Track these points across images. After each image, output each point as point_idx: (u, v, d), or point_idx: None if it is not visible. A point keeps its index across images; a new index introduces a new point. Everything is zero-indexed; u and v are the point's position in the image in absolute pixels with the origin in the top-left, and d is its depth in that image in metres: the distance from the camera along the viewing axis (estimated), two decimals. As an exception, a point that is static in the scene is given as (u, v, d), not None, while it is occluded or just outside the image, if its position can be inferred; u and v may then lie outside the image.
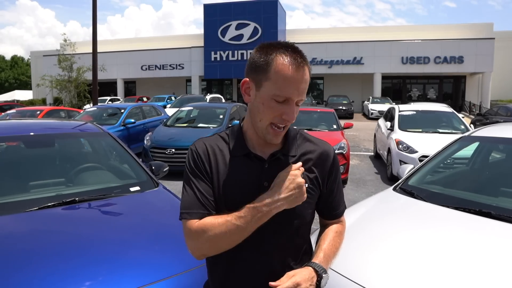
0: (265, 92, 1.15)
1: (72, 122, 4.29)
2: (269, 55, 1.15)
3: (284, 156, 1.25)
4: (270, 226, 1.20)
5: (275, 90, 1.13)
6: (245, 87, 1.21)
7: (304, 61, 1.15)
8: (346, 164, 7.20)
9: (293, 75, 1.12)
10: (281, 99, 1.14)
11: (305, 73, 1.15)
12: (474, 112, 24.61)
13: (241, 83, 1.22)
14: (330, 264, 1.27)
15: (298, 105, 1.18)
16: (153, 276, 1.86)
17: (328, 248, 1.29)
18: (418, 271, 1.79)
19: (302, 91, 1.15)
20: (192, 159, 1.26)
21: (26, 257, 1.92)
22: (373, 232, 2.32)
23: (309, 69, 1.18)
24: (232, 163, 1.24)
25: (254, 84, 1.18)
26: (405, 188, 2.91)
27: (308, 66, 1.17)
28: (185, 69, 32.85)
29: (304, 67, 1.14)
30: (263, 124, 1.18)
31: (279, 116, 1.15)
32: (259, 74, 1.16)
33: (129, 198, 2.79)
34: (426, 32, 29.84)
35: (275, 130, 1.17)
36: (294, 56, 1.14)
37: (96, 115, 10.66)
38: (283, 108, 1.14)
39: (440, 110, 9.87)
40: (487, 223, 2.23)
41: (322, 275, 1.19)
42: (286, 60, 1.13)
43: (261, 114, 1.17)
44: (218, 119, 9.68)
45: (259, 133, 1.21)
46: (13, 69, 65.11)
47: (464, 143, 3.32)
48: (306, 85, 1.16)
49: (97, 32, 15.81)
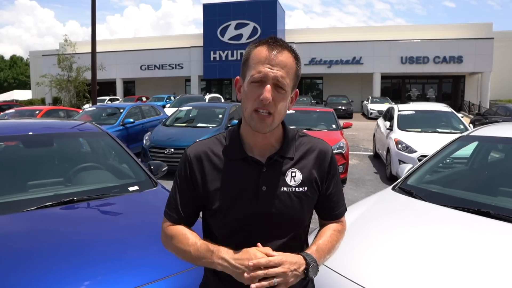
0: (247, 79, 1.17)
1: (71, 121, 4.28)
2: (251, 47, 1.20)
3: (282, 158, 1.24)
4: (267, 228, 1.20)
5: (252, 71, 1.15)
6: (238, 85, 1.25)
7: (283, 46, 1.17)
8: (345, 164, 7.20)
9: (265, 54, 1.15)
10: (256, 79, 1.13)
11: (281, 53, 1.15)
12: (473, 112, 24.63)
13: (234, 82, 1.25)
14: (323, 259, 1.24)
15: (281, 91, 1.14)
16: (152, 275, 1.85)
17: (322, 243, 1.26)
18: (417, 271, 1.79)
19: (276, 70, 1.13)
20: (183, 165, 1.28)
21: (24, 256, 1.91)
22: (372, 231, 2.32)
23: (292, 53, 1.18)
24: (229, 168, 1.23)
25: (242, 79, 1.21)
26: (404, 188, 2.91)
27: (290, 51, 1.17)
28: (184, 69, 32.83)
29: (281, 48, 1.16)
30: (248, 112, 1.17)
31: (258, 98, 1.13)
32: (244, 67, 1.20)
33: (127, 197, 2.78)
34: (426, 32, 29.85)
35: (259, 115, 1.15)
36: (270, 42, 1.17)
37: (95, 114, 10.65)
38: (260, 90, 1.13)
39: (439, 109, 9.88)
40: (486, 223, 2.22)
41: (310, 264, 1.15)
42: (263, 46, 1.17)
43: (245, 102, 1.18)
44: (217, 119, 9.68)
45: (249, 124, 1.19)
46: (12, 69, 65.04)
47: (463, 142, 3.33)
48: (286, 68, 1.15)
49: (96, 32, 15.81)
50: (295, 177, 1.23)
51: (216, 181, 1.22)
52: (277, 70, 1.13)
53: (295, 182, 1.23)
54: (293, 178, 1.23)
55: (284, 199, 1.21)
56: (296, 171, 1.24)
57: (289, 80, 1.16)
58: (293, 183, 1.23)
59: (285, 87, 1.15)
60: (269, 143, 1.25)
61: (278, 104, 1.15)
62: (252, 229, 1.20)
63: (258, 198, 1.20)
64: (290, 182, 1.23)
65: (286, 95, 1.17)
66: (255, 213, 1.19)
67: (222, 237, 1.22)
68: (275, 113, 1.15)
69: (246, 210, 1.20)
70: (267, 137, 1.23)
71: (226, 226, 1.22)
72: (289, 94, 1.19)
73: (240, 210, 1.19)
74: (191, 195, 1.26)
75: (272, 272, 1.08)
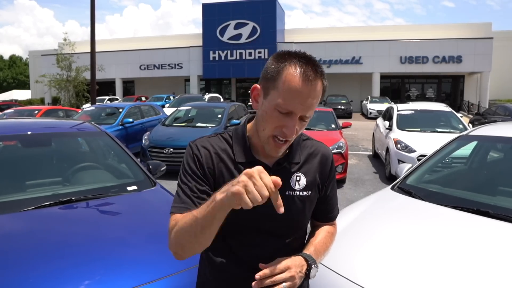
0: (270, 101, 1.10)
1: (70, 121, 4.27)
2: (280, 63, 1.10)
3: (289, 164, 1.24)
4: (270, 230, 1.21)
5: (279, 99, 1.07)
6: (254, 93, 1.18)
7: (316, 75, 1.08)
8: (345, 164, 7.19)
9: (299, 87, 1.06)
10: (284, 111, 1.08)
11: (314, 88, 1.07)
12: (473, 111, 24.64)
13: (252, 88, 1.19)
14: (319, 259, 1.26)
15: (305, 121, 1.12)
16: (150, 275, 1.85)
17: (319, 244, 1.28)
18: (416, 270, 1.79)
19: (308, 106, 1.08)
20: (192, 158, 1.21)
21: (22, 256, 1.91)
22: (370, 231, 2.32)
23: (323, 83, 1.11)
24: (237, 170, 1.20)
25: (263, 92, 1.15)
26: (403, 187, 2.90)
27: (322, 80, 1.10)
28: (183, 69, 32.80)
29: (315, 80, 1.07)
30: (265, 134, 1.14)
31: (280, 128, 1.10)
32: (268, 82, 1.12)
33: (126, 197, 2.78)
34: (425, 32, 29.86)
35: (276, 143, 1.13)
36: (306, 68, 1.07)
37: (94, 114, 10.64)
38: (285, 120, 1.09)
39: (438, 109, 9.88)
40: (485, 222, 2.22)
41: (311, 265, 1.18)
42: (297, 71, 1.07)
43: (264, 123, 1.13)
44: (216, 118, 9.67)
45: (262, 144, 1.18)
46: (11, 69, 65.00)
47: (462, 142, 3.32)
48: (315, 100, 1.09)
49: (95, 31, 15.80)
50: (299, 181, 1.24)
51: (223, 181, 1.19)
52: (307, 107, 1.08)
53: (299, 186, 1.23)
54: (298, 182, 1.23)
55: (288, 203, 1.19)
56: (301, 175, 1.24)
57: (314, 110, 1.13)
58: (298, 187, 1.23)
59: (309, 118, 1.13)
60: None
61: (298, 132, 1.14)
62: (255, 231, 1.20)
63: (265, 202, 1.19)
64: (295, 186, 1.23)
65: (307, 122, 1.15)
66: (260, 216, 1.18)
67: (223, 238, 1.21)
68: (291, 140, 1.16)
69: (250, 213, 1.17)
70: None
71: (229, 228, 1.20)
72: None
73: (245, 213, 1.18)
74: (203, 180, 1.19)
75: (280, 279, 1.09)
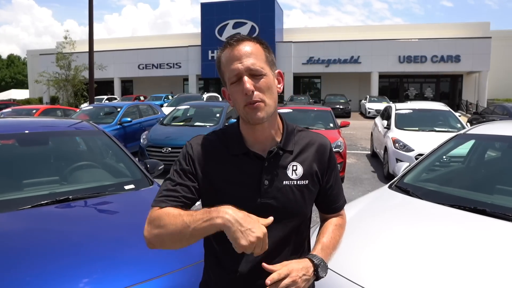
0: (227, 84, 1.20)
1: (68, 120, 4.27)
2: (218, 55, 1.24)
3: (282, 151, 1.25)
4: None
5: (227, 74, 1.18)
6: (226, 95, 1.27)
7: (238, 39, 1.19)
8: (343, 163, 7.21)
9: (229, 53, 1.17)
10: (233, 79, 1.16)
11: (242, 46, 1.16)
12: (471, 111, 24.68)
13: (222, 94, 1.30)
14: (330, 256, 1.26)
15: (258, 76, 1.16)
16: (148, 273, 1.85)
17: (326, 240, 1.28)
18: (414, 269, 1.79)
19: (243, 59, 1.15)
20: (184, 158, 1.26)
21: (19, 255, 1.90)
22: (368, 230, 2.32)
23: (253, 41, 1.19)
24: (231, 162, 1.23)
25: (225, 86, 1.25)
26: (401, 186, 2.91)
27: (249, 39, 1.19)
28: (182, 68, 32.79)
29: (240, 41, 1.18)
30: (241, 111, 1.19)
31: (243, 95, 1.15)
32: (221, 75, 1.24)
33: (123, 196, 2.77)
34: (423, 31, 29.92)
35: (250, 107, 1.16)
36: (231, 41, 1.19)
37: (93, 114, 10.62)
38: (241, 86, 1.15)
39: (436, 108, 9.90)
40: (482, 221, 2.23)
41: (318, 265, 1.18)
42: (226, 49, 1.20)
43: (236, 104, 1.20)
44: (214, 117, 9.67)
45: (246, 120, 1.21)
46: (9, 68, 64.89)
47: (459, 141, 3.32)
48: (253, 55, 1.16)
49: (93, 30, 15.78)
50: (296, 171, 1.24)
51: (219, 176, 1.22)
52: (245, 61, 1.15)
53: (296, 176, 1.24)
54: (295, 172, 1.24)
55: (286, 193, 1.22)
56: (297, 165, 1.25)
57: (262, 63, 1.17)
58: (295, 177, 1.24)
59: (260, 71, 1.16)
60: (269, 137, 1.25)
61: (264, 90, 1.16)
62: None
63: (261, 192, 1.20)
64: (292, 175, 1.24)
65: (267, 78, 1.17)
66: (258, 207, 1.19)
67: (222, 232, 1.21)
68: (264, 99, 1.16)
69: (248, 204, 1.18)
70: (266, 131, 1.23)
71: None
72: (270, 77, 1.19)
73: (243, 204, 1.18)
74: (189, 183, 1.22)
75: (283, 285, 1.09)
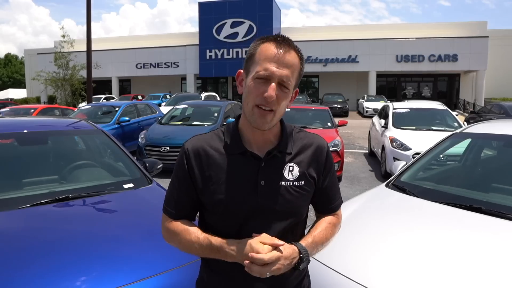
0: (251, 74, 1.18)
1: (66, 119, 4.27)
2: (257, 43, 1.21)
3: (280, 154, 1.26)
4: (265, 221, 1.21)
5: (257, 67, 1.16)
6: (239, 78, 1.25)
7: (290, 46, 1.18)
8: (340, 162, 7.23)
9: (273, 50, 1.16)
10: (262, 75, 1.15)
11: (288, 53, 1.16)
12: (468, 110, 24.75)
13: (236, 75, 1.26)
14: (315, 250, 1.27)
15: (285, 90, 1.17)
16: (147, 271, 1.86)
17: (318, 235, 1.29)
18: (410, 266, 1.81)
19: (282, 67, 1.15)
20: (182, 160, 1.27)
21: (19, 254, 1.91)
22: (364, 228, 2.33)
23: (298, 55, 1.19)
24: (228, 162, 1.24)
25: (245, 73, 1.23)
26: (398, 184, 2.93)
27: (296, 51, 1.19)
28: (180, 67, 32.72)
29: (288, 48, 1.17)
30: (249, 107, 1.18)
31: (261, 95, 1.15)
32: (248, 61, 1.21)
33: (122, 195, 2.79)
34: (421, 31, 29.93)
35: (260, 111, 1.16)
36: (279, 40, 1.18)
37: (91, 113, 10.60)
38: (265, 86, 1.15)
39: (433, 107, 9.93)
40: (478, 219, 2.25)
41: (303, 259, 1.19)
42: (271, 43, 1.18)
43: (247, 97, 1.19)
44: (212, 117, 9.67)
45: (249, 120, 1.21)
46: (6, 67, 64.59)
47: (455, 139, 3.34)
48: (291, 68, 1.17)
49: (91, 30, 15.73)
50: (292, 172, 1.25)
51: (215, 176, 1.23)
52: (283, 70, 1.15)
53: (293, 177, 1.25)
54: (291, 173, 1.25)
55: (282, 193, 1.23)
56: (294, 166, 1.26)
57: (293, 80, 1.19)
58: (291, 177, 1.25)
59: (289, 86, 1.17)
60: (268, 138, 1.26)
61: (281, 102, 1.17)
62: (250, 223, 1.21)
63: (257, 192, 1.21)
64: (288, 176, 1.25)
65: (289, 94, 1.19)
66: (254, 207, 1.21)
67: (219, 230, 1.23)
68: (276, 111, 1.18)
69: (245, 205, 1.21)
70: (265, 132, 1.24)
71: (224, 220, 1.23)
72: (291, 93, 1.21)
73: (239, 204, 1.20)
74: (190, 190, 1.26)
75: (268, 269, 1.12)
